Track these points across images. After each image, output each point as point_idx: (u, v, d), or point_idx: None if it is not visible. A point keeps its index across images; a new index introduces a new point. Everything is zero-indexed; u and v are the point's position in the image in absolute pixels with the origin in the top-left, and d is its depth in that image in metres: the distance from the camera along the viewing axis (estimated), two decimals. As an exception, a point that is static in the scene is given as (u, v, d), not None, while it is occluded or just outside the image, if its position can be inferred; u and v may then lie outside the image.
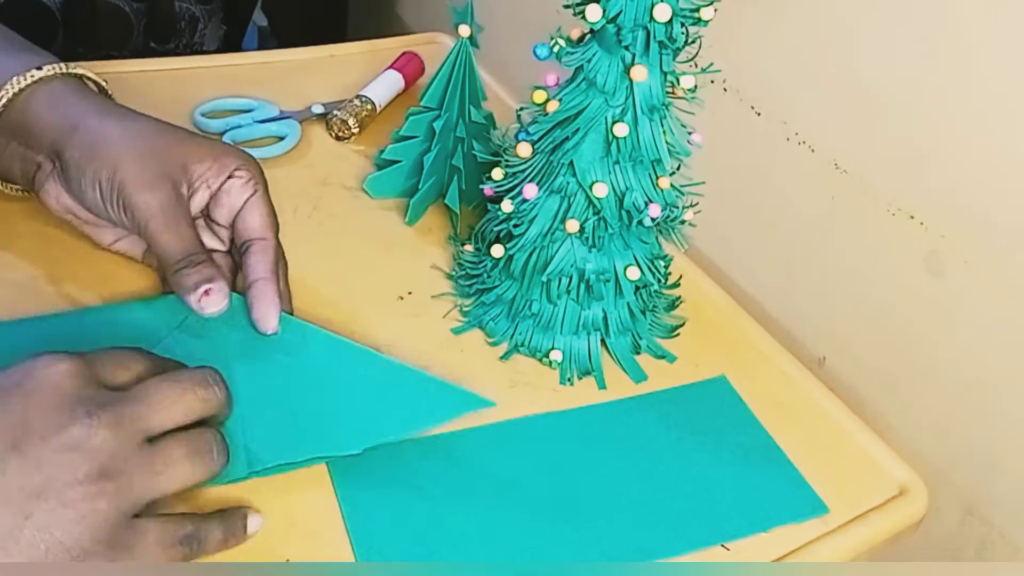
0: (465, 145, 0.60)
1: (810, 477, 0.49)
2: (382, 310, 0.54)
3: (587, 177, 0.49)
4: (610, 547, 0.44)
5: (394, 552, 0.42)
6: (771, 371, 0.56)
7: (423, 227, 0.62)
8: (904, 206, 0.55)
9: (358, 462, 0.44)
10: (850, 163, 0.57)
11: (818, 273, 0.62)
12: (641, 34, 0.45)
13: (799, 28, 0.59)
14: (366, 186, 0.63)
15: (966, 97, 0.50)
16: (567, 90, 0.48)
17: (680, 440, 0.50)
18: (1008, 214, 0.49)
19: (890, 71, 0.54)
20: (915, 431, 0.57)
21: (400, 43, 0.81)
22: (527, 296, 0.53)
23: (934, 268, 0.54)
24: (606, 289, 0.52)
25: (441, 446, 0.47)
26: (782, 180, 0.62)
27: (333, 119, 0.68)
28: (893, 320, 0.57)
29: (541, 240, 0.51)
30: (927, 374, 0.56)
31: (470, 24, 0.55)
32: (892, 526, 0.48)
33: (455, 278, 0.57)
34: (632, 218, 0.49)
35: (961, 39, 0.49)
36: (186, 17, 0.88)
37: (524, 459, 0.47)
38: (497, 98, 0.75)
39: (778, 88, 0.61)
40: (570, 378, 0.53)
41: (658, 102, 0.47)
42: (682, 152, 0.50)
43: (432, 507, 0.44)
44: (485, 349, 0.54)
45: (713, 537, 0.45)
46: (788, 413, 0.53)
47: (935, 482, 0.52)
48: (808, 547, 0.46)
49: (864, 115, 0.56)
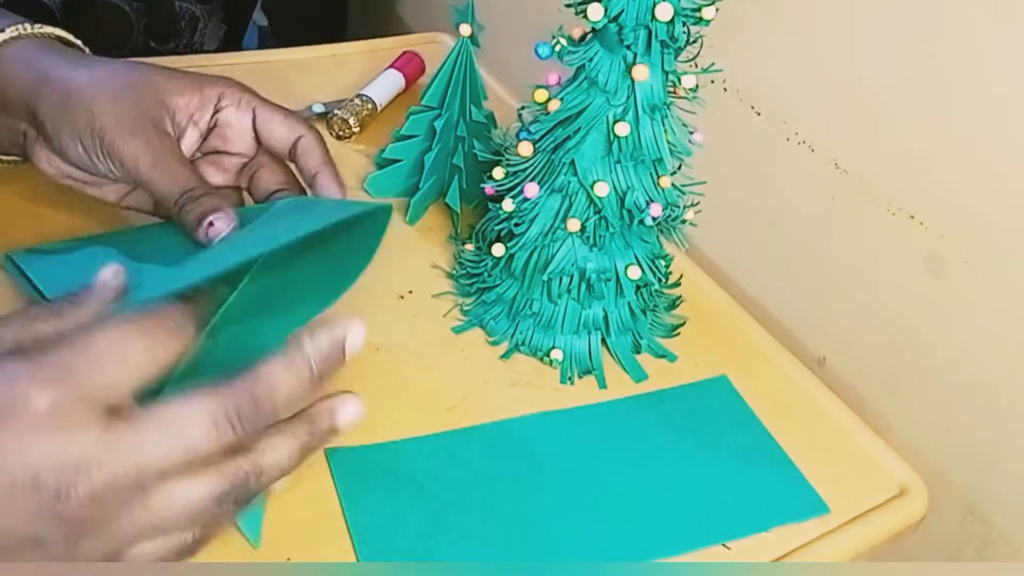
0: (466, 144, 0.60)
1: (810, 477, 0.49)
2: (383, 309, 0.54)
3: (588, 176, 0.49)
4: (610, 547, 0.44)
5: (395, 551, 0.42)
6: (771, 371, 0.56)
7: (424, 226, 0.62)
8: (904, 206, 0.55)
9: (359, 462, 0.44)
10: (850, 163, 0.57)
11: (818, 273, 0.62)
12: (643, 33, 0.45)
13: (799, 28, 0.59)
14: (367, 185, 0.63)
15: (966, 97, 0.50)
16: (568, 89, 0.48)
17: (680, 439, 0.50)
18: (1008, 214, 0.49)
19: (890, 71, 0.54)
20: (915, 431, 0.57)
21: (400, 43, 0.81)
22: (528, 295, 0.53)
23: (934, 268, 0.54)
24: (607, 288, 0.52)
25: (442, 446, 0.47)
26: (782, 180, 0.62)
27: (334, 118, 0.68)
28: (893, 320, 0.57)
29: (542, 239, 0.51)
30: (927, 374, 0.56)
31: (471, 23, 0.56)
32: (892, 526, 0.49)
33: (456, 277, 0.57)
34: (633, 217, 0.49)
35: (961, 39, 0.49)
36: (186, 17, 0.88)
37: (524, 459, 0.47)
38: (498, 97, 0.75)
39: (778, 88, 0.61)
40: (571, 377, 0.53)
41: (659, 101, 0.47)
42: (683, 151, 0.50)
43: (433, 506, 0.44)
44: (486, 348, 0.54)
45: (713, 536, 0.45)
46: (788, 413, 0.53)
47: (935, 482, 0.52)
48: (808, 547, 0.46)
49: (864, 115, 0.56)
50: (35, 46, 0.48)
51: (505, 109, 0.71)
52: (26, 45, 0.48)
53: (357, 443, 0.45)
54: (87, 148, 0.45)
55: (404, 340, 0.52)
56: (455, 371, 0.51)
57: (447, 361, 0.52)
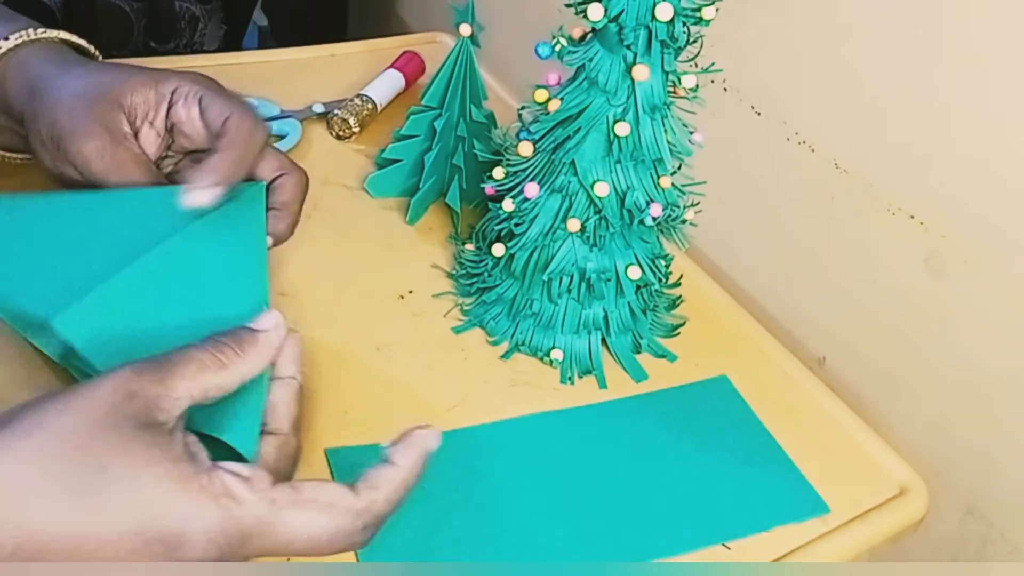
0: (466, 144, 0.60)
1: (810, 477, 0.49)
2: (383, 309, 0.54)
3: (588, 176, 0.49)
4: (610, 547, 0.44)
5: (395, 551, 0.42)
6: (771, 371, 0.56)
7: (424, 226, 0.62)
8: (904, 206, 0.55)
9: (359, 462, 0.44)
10: (850, 163, 0.57)
11: (818, 273, 0.62)
12: (643, 33, 0.45)
13: (799, 28, 0.59)
14: (367, 185, 0.63)
15: (966, 97, 0.50)
16: (568, 89, 0.48)
17: (681, 439, 0.50)
18: (1008, 214, 0.49)
19: (890, 71, 0.54)
20: (915, 431, 0.57)
21: (400, 43, 0.81)
22: (528, 295, 0.53)
23: (934, 268, 0.54)
24: (607, 288, 0.52)
25: (442, 445, 0.47)
26: (782, 180, 0.62)
27: (334, 118, 0.68)
28: (893, 320, 0.57)
29: (542, 239, 0.51)
30: (927, 374, 0.56)
31: (471, 23, 0.56)
32: (892, 526, 0.49)
33: (456, 277, 0.57)
34: (633, 217, 0.49)
35: (961, 40, 0.49)
36: (186, 17, 0.88)
37: (524, 459, 0.47)
38: (498, 97, 0.75)
39: (778, 88, 0.61)
40: (571, 377, 0.53)
41: (660, 101, 0.47)
42: (683, 151, 0.50)
43: (433, 506, 0.44)
44: (486, 348, 0.54)
45: (714, 536, 0.45)
46: (788, 413, 0.53)
47: (935, 482, 0.52)
48: (808, 546, 0.46)
49: (864, 115, 0.56)
50: (35, 54, 0.48)
51: (505, 109, 0.71)
52: (28, 53, 0.48)
53: (357, 443, 0.45)
54: (51, 154, 0.46)
55: (404, 340, 0.52)
56: (455, 371, 0.51)
57: (447, 361, 0.52)
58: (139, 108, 0.47)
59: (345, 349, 0.51)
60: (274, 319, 0.39)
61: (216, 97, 0.48)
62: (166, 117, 0.48)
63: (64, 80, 0.46)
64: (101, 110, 0.46)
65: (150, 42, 0.87)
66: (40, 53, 0.48)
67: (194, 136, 0.48)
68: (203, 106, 0.48)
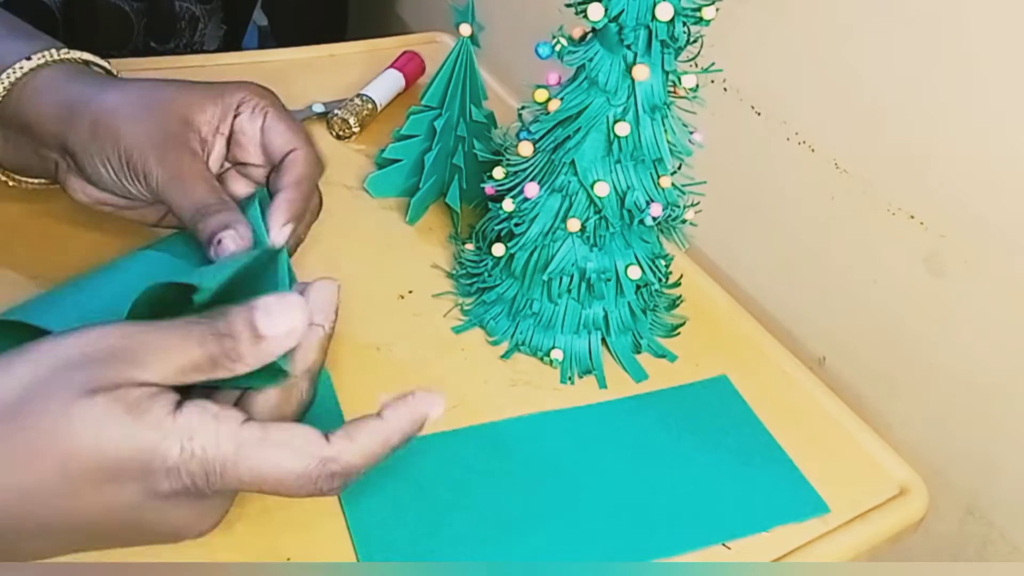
0: (466, 144, 0.60)
1: (810, 477, 0.49)
2: (383, 309, 0.54)
3: (588, 176, 0.49)
4: (610, 547, 0.44)
5: (395, 551, 0.42)
6: (771, 371, 0.56)
7: (424, 226, 0.62)
8: (904, 206, 0.55)
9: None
10: (850, 163, 0.57)
11: (818, 273, 0.62)
12: (643, 33, 0.45)
13: (799, 28, 0.59)
14: (367, 185, 0.63)
15: (966, 98, 0.50)
16: (569, 89, 0.48)
17: (681, 439, 0.50)
18: (1008, 214, 0.49)
19: (890, 71, 0.54)
20: (915, 431, 0.57)
21: (400, 43, 0.81)
22: (528, 295, 0.53)
23: (934, 268, 0.54)
24: (607, 288, 0.52)
25: (442, 446, 0.47)
26: (782, 180, 0.62)
27: (334, 118, 0.68)
28: (893, 320, 0.57)
29: (542, 239, 0.51)
30: (927, 374, 0.56)
31: (471, 23, 0.56)
32: (892, 526, 0.49)
33: (456, 277, 0.57)
34: (633, 217, 0.49)
35: (961, 40, 0.49)
36: (186, 17, 0.88)
37: (524, 459, 0.47)
38: (498, 97, 0.75)
39: (778, 88, 0.61)
40: (571, 377, 0.53)
41: (660, 101, 0.47)
42: (683, 151, 0.50)
43: (433, 506, 0.44)
44: (486, 348, 0.54)
45: (714, 536, 0.45)
46: (788, 413, 0.53)
47: (935, 482, 0.52)
48: (808, 546, 0.46)
49: (864, 115, 0.56)
50: (62, 73, 0.48)
51: (505, 109, 0.71)
52: (54, 73, 0.47)
53: (357, 443, 0.45)
54: (116, 171, 0.46)
55: (404, 339, 0.52)
56: (455, 371, 0.51)
57: (447, 361, 0.52)
58: (207, 123, 0.47)
59: (345, 349, 0.51)
60: (288, 322, 0.35)
61: (280, 120, 0.48)
62: (231, 128, 0.48)
63: (108, 97, 0.46)
64: (172, 127, 0.46)
65: (150, 42, 0.87)
66: (67, 72, 0.48)
67: (250, 150, 0.49)
68: (266, 124, 0.48)
